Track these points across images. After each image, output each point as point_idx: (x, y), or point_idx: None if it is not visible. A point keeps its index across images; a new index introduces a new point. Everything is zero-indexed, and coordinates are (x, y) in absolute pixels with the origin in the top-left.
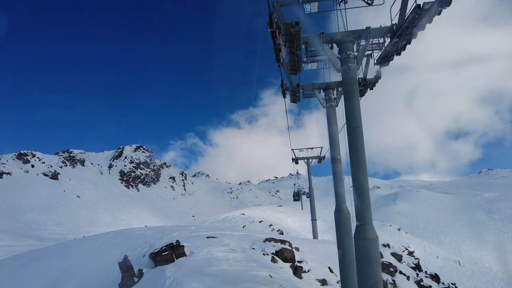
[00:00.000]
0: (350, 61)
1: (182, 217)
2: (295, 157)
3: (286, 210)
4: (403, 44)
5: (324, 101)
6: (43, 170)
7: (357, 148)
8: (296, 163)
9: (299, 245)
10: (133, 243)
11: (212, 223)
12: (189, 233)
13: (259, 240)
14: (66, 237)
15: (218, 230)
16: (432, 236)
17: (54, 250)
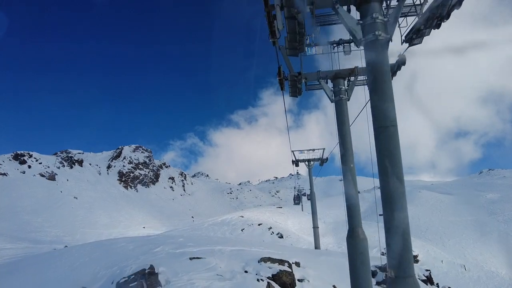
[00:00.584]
0: (379, 28)
1: (181, 218)
2: (296, 159)
3: (286, 211)
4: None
5: (333, 94)
6: (40, 171)
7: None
8: (296, 166)
9: (300, 259)
10: (110, 259)
11: (210, 226)
12: (174, 248)
13: (253, 259)
14: (62, 239)
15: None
16: (435, 238)
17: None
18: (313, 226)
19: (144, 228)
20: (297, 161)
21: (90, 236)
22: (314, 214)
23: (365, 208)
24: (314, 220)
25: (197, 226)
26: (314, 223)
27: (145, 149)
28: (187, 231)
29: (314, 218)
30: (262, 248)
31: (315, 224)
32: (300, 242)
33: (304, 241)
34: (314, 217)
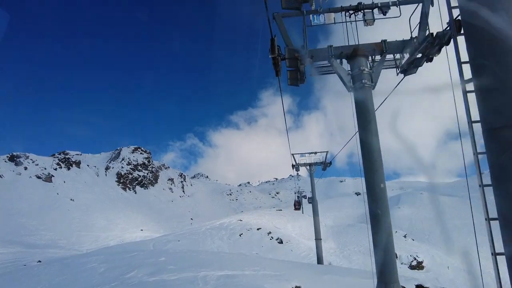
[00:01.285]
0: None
1: (180, 219)
2: (296, 163)
3: (286, 214)
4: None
5: (351, 79)
6: (36, 173)
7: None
8: (296, 170)
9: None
10: None
11: (207, 230)
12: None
13: None
14: (57, 243)
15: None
16: (439, 242)
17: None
18: (316, 238)
19: (142, 231)
20: (297, 165)
21: (87, 239)
22: (317, 224)
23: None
24: (317, 231)
25: (194, 230)
26: (317, 235)
27: (144, 150)
28: (184, 236)
29: (317, 229)
30: (257, 269)
31: (317, 236)
32: (300, 248)
33: (304, 247)
34: (317, 227)
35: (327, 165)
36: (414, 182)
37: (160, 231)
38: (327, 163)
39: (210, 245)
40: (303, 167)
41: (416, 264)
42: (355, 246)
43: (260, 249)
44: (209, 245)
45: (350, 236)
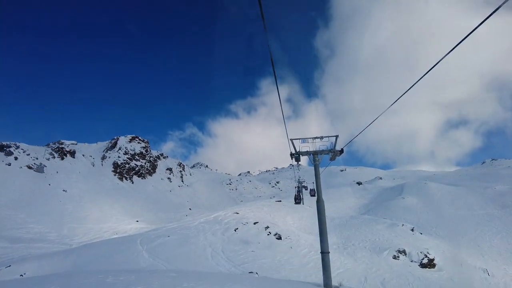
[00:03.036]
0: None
1: (178, 210)
2: (296, 151)
3: (285, 205)
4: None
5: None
6: (27, 163)
7: None
8: (297, 161)
9: None
10: None
11: (200, 224)
12: None
13: None
14: (46, 236)
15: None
16: (448, 235)
17: None
18: (322, 250)
19: (138, 222)
20: (297, 154)
21: (79, 232)
22: (325, 234)
23: (369, 199)
24: (324, 243)
25: (186, 224)
26: (324, 247)
27: (141, 140)
28: (175, 230)
29: (325, 241)
30: None
31: (324, 248)
32: (301, 244)
33: (305, 243)
34: (323, 238)
35: (337, 154)
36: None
37: (156, 222)
38: (337, 151)
39: (203, 242)
40: (305, 156)
41: (427, 262)
42: (359, 241)
43: (257, 246)
44: (201, 242)
45: (353, 230)
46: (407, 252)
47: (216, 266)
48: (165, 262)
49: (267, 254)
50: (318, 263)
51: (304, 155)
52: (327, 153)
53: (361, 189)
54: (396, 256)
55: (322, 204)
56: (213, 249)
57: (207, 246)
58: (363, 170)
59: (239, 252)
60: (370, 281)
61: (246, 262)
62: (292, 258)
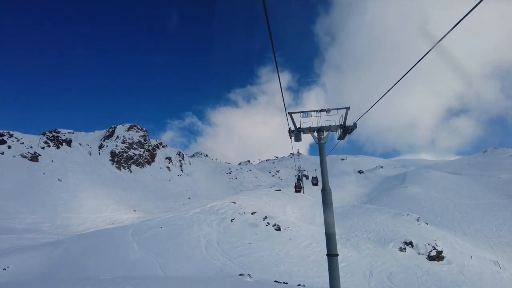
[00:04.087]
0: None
1: (177, 199)
2: (296, 128)
3: (285, 194)
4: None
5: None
6: (21, 152)
7: None
8: (297, 140)
9: None
10: None
11: (195, 214)
12: None
13: None
14: (39, 226)
15: None
16: (454, 225)
17: None
18: (328, 252)
19: (135, 212)
20: (298, 131)
21: (73, 222)
22: (331, 231)
23: (370, 188)
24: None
25: (182, 214)
26: (331, 248)
27: (140, 128)
28: (169, 221)
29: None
30: None
31: (332, 250)
32: (301, 236)
33: (306, 234)
34: (331, 237)
35: (348, 131)
36: (416, 160)
37: (154, 211)
38: (348, 126)
39: (197, 233)
40: (307, 133)
41: (435, 254)
42: (362, 232)
43: (254, 237)
44: (196, 233)
45: (356, 220)
46: (414, 243)
47: (211, 260)
48: (156, 255)
49: (265, 247)
50: (320, 255)
51: (306, 133)
52: (336, 129)
53: (362, 178)
54: (403, 248)
55: (329, 194)
56: (208, 241)
57: (201, 238)
58: (364, 158)
59: (235, 244)
60: (375, 275)
61: (242, 255)
62: (291, 251)
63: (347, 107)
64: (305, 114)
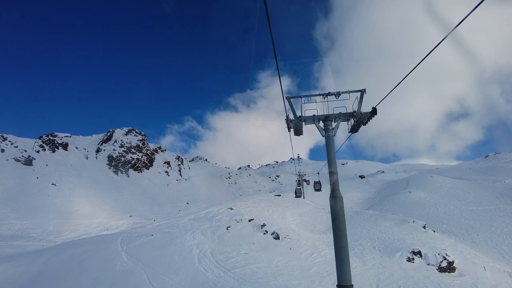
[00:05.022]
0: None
1: (175, 204)
2: (296, 116)
3: (285, 200)
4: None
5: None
6: (14, 155)
7: None
8: (297, 133)
9: None
10: None
11: (190, 221)
12: None
13: None
14: (29, 233)
15: None
16: (461, 232)
17: None
18: (339, 283)
19: (131, 217)
20: (299, 120)
21: (66, 228)
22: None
23: (372, 193)
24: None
25: (175, 221)
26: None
27: (138, 132)
28: (161, 228)
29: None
30: None
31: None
32: (301, 245)
33: (306, 243)
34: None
35: (364, 119)
36: (418, 164)
37: (151, 217)
38: (364, 114)
39: (189, 242)
40: (310, 123)
41: (446, 265)
42: (367, 240)
43: (251, 247)
44: (188, 242)
45: (359, 227)
46: (422, 253)
47: (203, 271)
48: (145, 265)
49: (262, 257)
50: (322, 267)
51: (310, 123)
52: (348, 118)
53: (363, 183)
54: (411, 258)
55: (340, 203)
56: (201, 250)
57: (194, 247)
58: (364, 163)
59: (230, 255)
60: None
61: (238, 267)
62: (291, 262)
63: (362, 89)
64: (308, 99)
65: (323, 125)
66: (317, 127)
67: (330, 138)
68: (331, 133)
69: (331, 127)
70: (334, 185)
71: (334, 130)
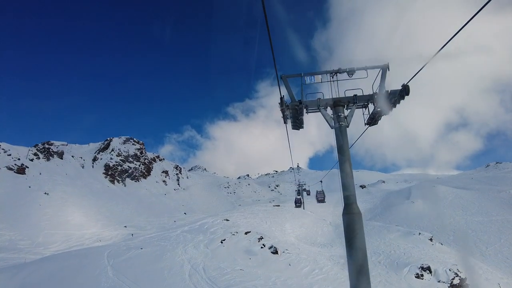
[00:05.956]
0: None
1: (172, 214)
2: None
3: (284, 210)
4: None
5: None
6: (7, 163)
7: None
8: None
9: None
10: None
11: (183, 233)
12: None
13: None
14: (16, 244)
15: None
16: (469, 245)
17: None
18: None
19: (126, 228)
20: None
21: (57, 239)
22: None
23: (374, 204)
24: None
25: (167, 233)
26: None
27: (136, 141)
28: (152, 241)
29: None
30: None
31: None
32: (302, 260)
33: (307, 258)
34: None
35: (392, 101)
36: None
37: (147, 227)
38: (393, 93)
39: (181, 256)
40: (314, 111)
41: (459, 282)
42: (371, 254)
43: (247, 262)
44: (179, 256)
45: None
46: (432, 269)
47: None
48: (132, 282)
49: (259, 274)
50: (323, 285)
51: (313, 110)
52: (366, 102)
53: (364, 193)
54: (420, 274)
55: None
56: (193, 266)
57: (185, 262)
58: (364, 173)
59: (224, 271)
60: None
61: (232, 285)
62: (290, 279)
63: (385, 64)
64: (311, 78)
65: (333, 112)
66: (324, 115)
67: (342, 130)
68: (343, 123)
69: (343, 114)
70: (349, 197)
71: (347, 119)
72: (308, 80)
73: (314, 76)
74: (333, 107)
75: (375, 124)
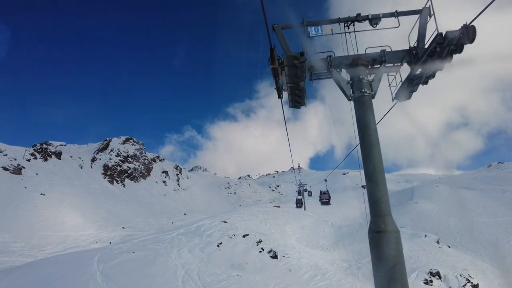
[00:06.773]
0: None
1: (172, 215)
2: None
3: (284, 211)
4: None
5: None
6: (3, 164)
7: None
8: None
9: None
10: None
11: (178, 236)
12: None
13: None
14: (9, 247)
15: None
16: (477, 247)
17: None
18: None
19: (124, 229)
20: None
21: (52, 241)
22: None
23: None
24: None
25: (162, 236)
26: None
27: (136, 141)
28: (145, 244)
29: None
30: None
31: None
32: (302, 265)
33: (308, 263)
34: None
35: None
36: (419, 174)
37: (145, 228)
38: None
39: (174, 261)
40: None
41: (471, 286)
42: None
43: (244, 267)
44: (173, 261)
45: (366, 242)
46: (441, 274)
47: None
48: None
49: (257, 280)
50: None
51: (322, 76)
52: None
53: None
54: (429, 280)
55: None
56: (187, 271)
57: (179, 267)
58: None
59: (220, 277)
60: None
61: None
62: (290, 286)
63: (426, 7)
64: (316, 29)
65: (350, 77)
66: (337, 80)
67: (365, 101)
68: (367, 91)
69: (366, 79)
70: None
71: (373, 86)
72: (313, 32)
73: (322, 26)
74: (351, 68)
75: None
